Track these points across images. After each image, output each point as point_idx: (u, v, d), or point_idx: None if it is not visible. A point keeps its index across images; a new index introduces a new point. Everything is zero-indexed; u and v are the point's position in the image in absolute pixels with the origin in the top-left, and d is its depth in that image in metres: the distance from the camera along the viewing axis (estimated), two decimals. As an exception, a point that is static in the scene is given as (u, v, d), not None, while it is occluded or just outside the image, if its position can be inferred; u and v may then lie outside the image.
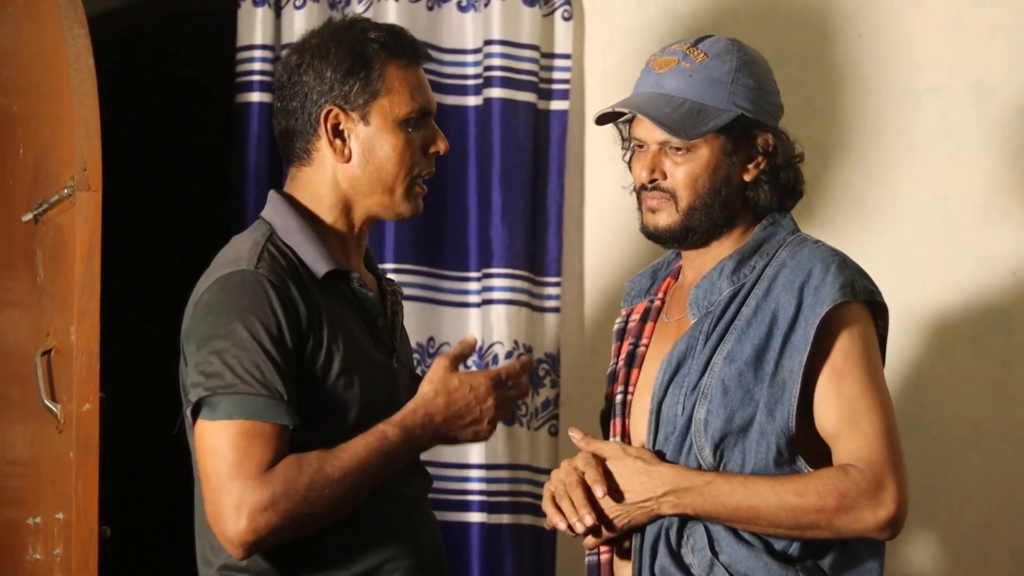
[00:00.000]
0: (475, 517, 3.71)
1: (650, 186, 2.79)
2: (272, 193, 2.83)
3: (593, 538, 2.72)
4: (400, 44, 2.79)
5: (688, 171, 2.76)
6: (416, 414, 2.70)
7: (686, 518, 2.68)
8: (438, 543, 2.85)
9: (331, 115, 2.76)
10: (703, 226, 2.78)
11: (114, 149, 3.23)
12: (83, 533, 2.94)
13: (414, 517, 2.79)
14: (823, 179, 3.68)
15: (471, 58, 3.85)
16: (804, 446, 2.68)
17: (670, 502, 2.66)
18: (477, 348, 2.79)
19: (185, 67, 5.45)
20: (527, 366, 2.83)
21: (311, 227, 2.76)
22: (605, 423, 2.89)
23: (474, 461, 3.73)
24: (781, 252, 2.77)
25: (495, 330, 3.72)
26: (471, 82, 3.85)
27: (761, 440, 2.66)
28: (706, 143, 2.75)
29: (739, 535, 2.67)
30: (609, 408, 2.88)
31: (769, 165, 2.80)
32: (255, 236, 2.75)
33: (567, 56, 3.84)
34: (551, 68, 3.85)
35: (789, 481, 2.63)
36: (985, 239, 3.64)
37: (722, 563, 2.65)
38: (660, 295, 2.93)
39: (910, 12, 3.70)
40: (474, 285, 3.82)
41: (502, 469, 3.72)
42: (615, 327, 2.96)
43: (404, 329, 2.94)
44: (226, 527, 2.57)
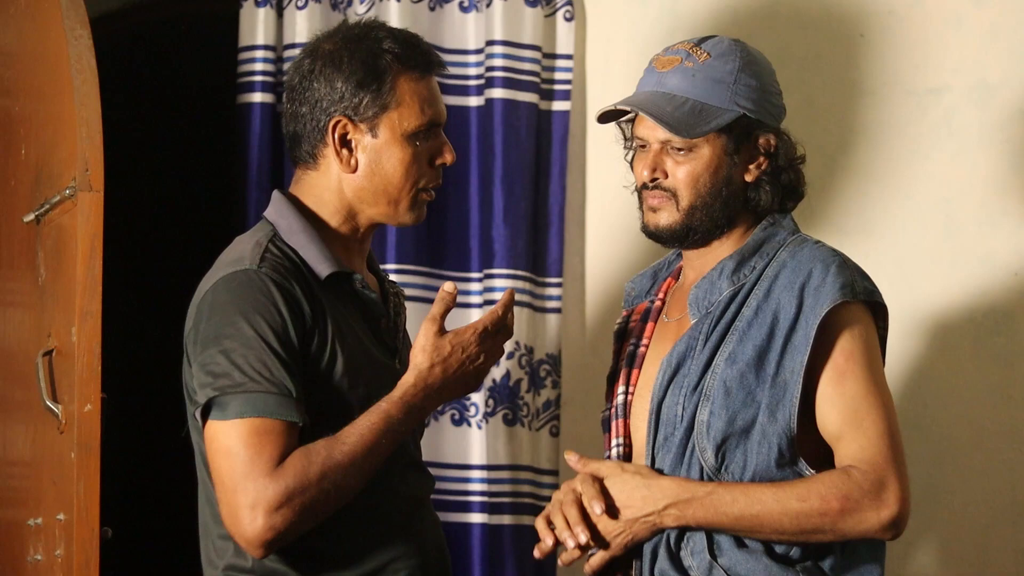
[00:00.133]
0: (476, 518, 3.71)
1: (651, 185, 2.78)
2: (276, 193, 2.82)
3: (595, 561, 2.70)
4: (414, 55, 2.77)
5: (689, 170, 2.76)
6: (416, 388, 2.68)
7: (678, 546, 2.68)
8: (441, 543, 2.85)
9: (339, 125, 2.75)
10: (704, 226, 2.78)
11: (116, 149, 3.23)
12: (84, 534, 2.94)
13: (417, 517, 2.79)
14: (824, 180, 3.67)
15: (473, 59, 3.85)
16: (805, 447, 2.67)
17: (672, 515, 2.65)
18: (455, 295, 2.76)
19: (187, 67, 5.44)
20: (508, 302, 2.77)
21: (314, 229, 2.76)
22: (606, 424, 2.89)
23: (475, 462, 3.73)
24: (781, 252, 2.76)
25: (497, 330, 3.72)
26: (473, 83, 3.85)
27: (763, 441, 2.66)
28: (708, 143, 2.75)
29: (739, 537, 2.67)
30: (610, 409, 2.88)
31: (770, 166, 2.80)
32: (258, 236, 2.75)
33: (569, 56, 3.84)
34: (553, 68, 3.85)
35: (791, 486, 2.62)
36: (987, 239, 3.64)
37: (721, 566, 2.65)
38: (661, 295, 2.92)
39: (912, 13, 3.70)
40: (476, 286, 3.82)
41: (503, 470, 3.72)
42: (616, 328, 2.96)
43: (406, 331, 2.94)
44: (243, 527, 2.56)
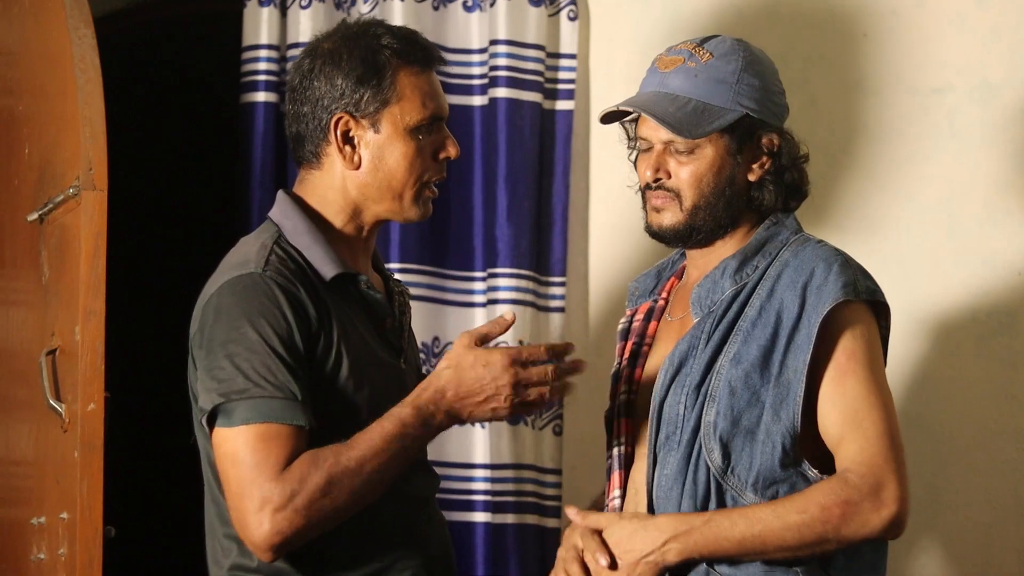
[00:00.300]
0: (479, 517, 3.71)
1: (655, 185, 2.79)
2: (280, 194, 2.82)
3: None
4: (413, 50, 2.77)
5: (692, 170, 2.76)
6: (427, 392, 2.65)
7: None
8: (446, 543, 2.86)
9: (341, 122, 2.75)
10: (707, 225, 2.78)
11: (120, 149, 3.23)
12: (88, 533, 2.95)
13: (423, 517, 2.80)
14: (827, 180, 3.67)
15: (477, 58, 3.85)
16: (809, 447, 2.68)
17: (674, 549, 2.63)
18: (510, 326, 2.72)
19: (191, 67, 5.45)
20: (553, 351, 2.70)
21: (319, 230, 2.76)
22: (609, 423, 2.89)
23: (478, 461, 3.73)
24: (784, 252, 2.76)
25: (500, 330, 3.72)
26: (476, 82, 3.85)
27: (767, 441, 2.66)
28: (711, 143, 2.75)
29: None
30: (613, 408, 2.88)
31: (774, 165, 2.80)
32: (263, 238, 2.74)
33: (572, 56, 3.84)
34: (556, 68, 3.84)
35: (788, 501, 2.62)
36: (990, 239, 3.64)
37: (719, 572, 2.66)
38: (664, 295, 2.93)
39: (915, 13, 3.69)
40: (479, 285, 3.82)
41: (507, 469, 3.72)
42: (619, 327, 2.97)
43: (411, 329, 2.94)
44: (251, 532, 2.56)
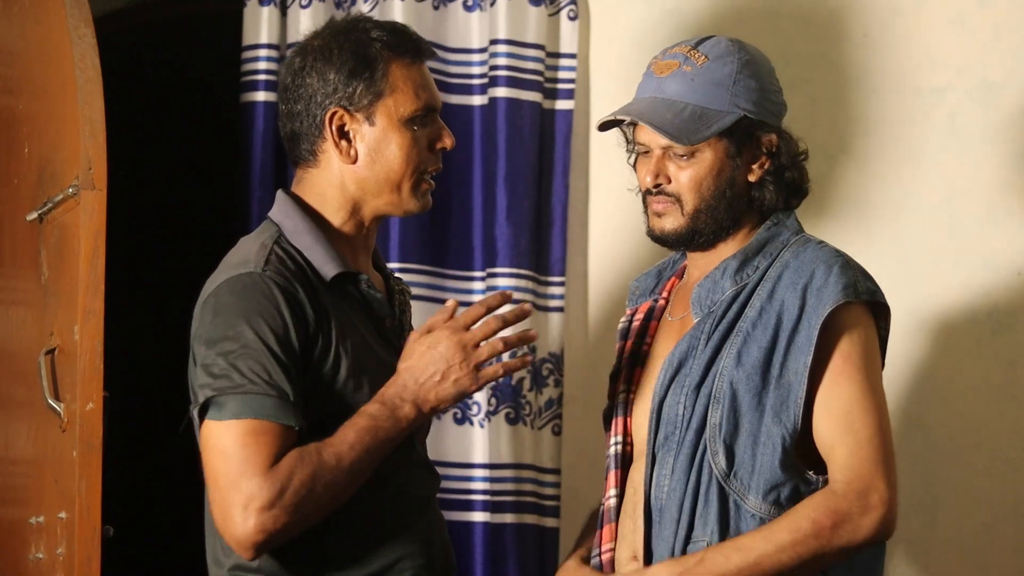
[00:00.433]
0: (478, 516, 3.71)
1: (655, 191, 2.79)
2: (280, 193, 2.82)
3: None
4: (403, 42, 2.78)
5: (692, 175, 2.76)
6: (391, 387, 2.68)
7: (684, 552, 2.67)
8: (447, 542, 2.86)
9: (336, 117, 2.76)
10: (709, 228, 2.78)
11: (119, 148, 3.23)
12: (86, 532, 2.94)
13: (424, 516, 2.79)
14: (828, 179, 3.67)
15: (477, 57, 3.85)
16: (809, 450, 2.68)
17: None
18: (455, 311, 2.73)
19: (191, 66, 5.45)
20: (492, 303, 2.72)
21: (319, 228, 2.76)
22: (607, 422, 2.89)
23: (478, 461, 3.73)
24: (784, 253, 2.77)
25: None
26: (476, 81, 3.85)
27: (767, 442, 2.66)
28: (709, 146, 2.76)
29: None
30: (611, 407, 2.88)
31: (773, 165, 2.81)
32: (263, 238, 2.75)
33: (572, 56, 3.84)
34: (556, 68, 3.84)
35: (778, 523, 2.62)
36: (990, 239, 3.63)
37: None
38: (664, 294, 2.93)
39: (916, 12, 3.69)
40: (479, 284, 3.81)
41: (505, 468, 3.72)
42: (619, 326, 2.97)
43: (412, 327, 2.94)
44: (235, 528, 2.56)
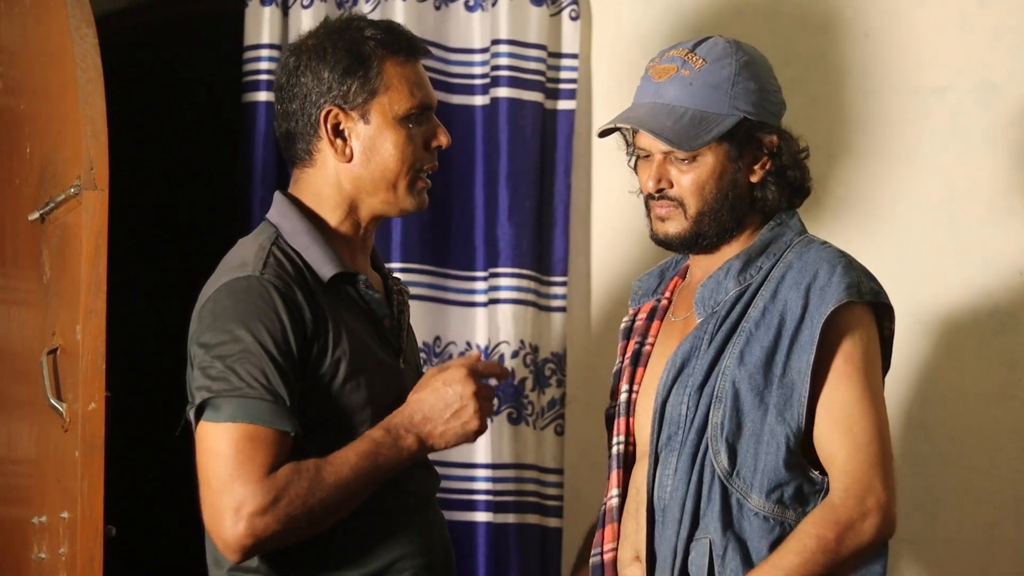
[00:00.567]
0: (481, 516, 3.71)
1: (657, 195, 2.79)
2: (277, 194, 2.82)
3: None
4: (397, 40, 2.78)
5: (694, 179, 2.76)
6: (397, 415, 2.68)
7: (687, 550, 2.68)
8: (446, 542, 2.85)
9: (331, 115, 2.75)
10: (713, 231, 2.78)
11: (121, 148, 3.23)
12: (88, 532, 2.94)
13: (423, 516, 2.79)
14: (829, 179, 3.67)
15: (478, 57, 3.85)
16: (813, 448, 2.68)
17: None
18: (484, 348, 2.75)
19: (192, 66, 5.44)
20: (505, 374, 2.79)
21: (317, 229, 2.76)
22: (610, 422, 2.89)
23: (480, 460, 3.73)
24: (788, 253, 2.76)
25: (501, 329, 3.72)
26: (478, 81, 3.85)
27: (771, 442, 2.66)
28: (710, 150, 2.75)
29: (744, 556, 2.67)
30: (614, 407, 2.88)
31: (775, 165, 2.80)
32: (261, 240, 2.74)
33: (574, 56, 3.84)
34: (558, 68, 3.84)
35: (784, 547, 2.62)
36: (991, 239, 3.64)
37: None
38: (667, 294, 2.93)
39: (916, 12, 3.69)
40: (480, 284, 3.82)
41: (508, 468, 3.72)
42: (622, 325, 2.97)
43: (411, 328, 2.93)
44: (224, 530, 2.56)
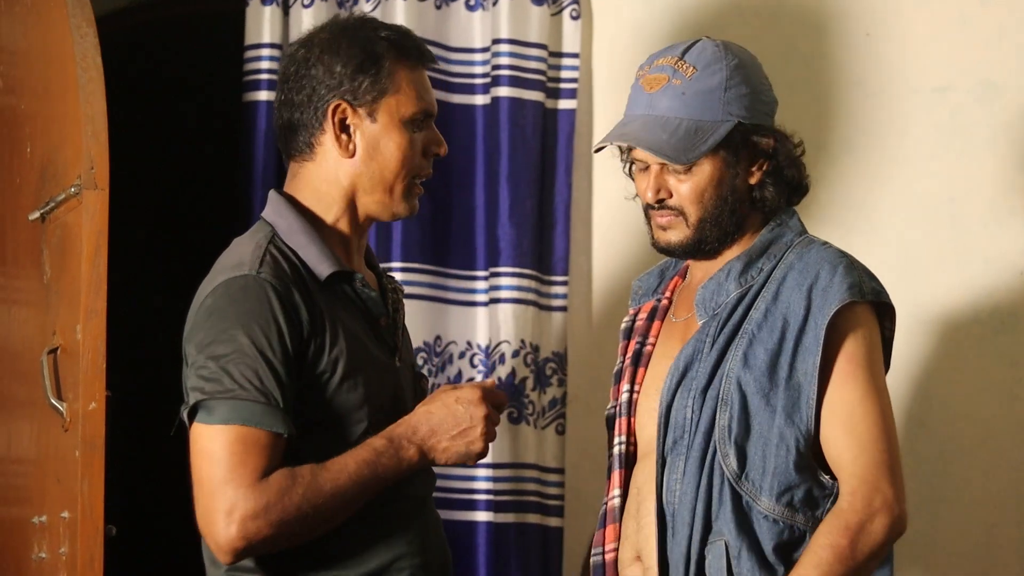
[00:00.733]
0: (481, 516, 3.71)
1: (657, 206, 2.79)
2: (272, 193, 2.82)
3: None
4: (409, 45, 2.79)
5: (693, 187, 2.77)
6: (401, 425, 2.69)
7: (702, 556, 2.67)
8: (443, 542, 2.85)
9: (339, 109, 2.75)
10: (714, 236, 2.79)
11: (121, 148, 3.23)
12: (89, 532, 2.94)
13: (420, 516, 2.79)
14: (829, 179, 3.67)
15: (479, 57, 3.85)
16: (822, 452, 2.69)
17: None
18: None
19: (193, 66, 5.45)
20: (505, 404, 2.82)
21: (313, 228, 2.76)
22: (610, 421, 2.89)
23: (480, 460, 3.73)
24: (788, 254, 2.76)
25: (502, 329, 3.72)
26: (479, 81, 3.85)
27: (780, 444, 2.66)
28: (707, 158, 2.76)
29: (761, 558, 2.66)
30: (615, 407, 2.88)
31: (772, 165, 2.81)
32: (257, 239, 2.73)
33: (575, 55, 3.84)
34: (559, 67, 3.84)
35: (801, 564, 2.62)
36: (992, 239, 3.63)
37: None
38: (668, 294, 2.93)
39: (917, 12, 3.69)
40: (481, 284, 3.81)
41: (508, 468, 3.72)
42: (622, 325, 2.97)
43: (406, 327, 2.94)
44: (216, 532, 2.56)
